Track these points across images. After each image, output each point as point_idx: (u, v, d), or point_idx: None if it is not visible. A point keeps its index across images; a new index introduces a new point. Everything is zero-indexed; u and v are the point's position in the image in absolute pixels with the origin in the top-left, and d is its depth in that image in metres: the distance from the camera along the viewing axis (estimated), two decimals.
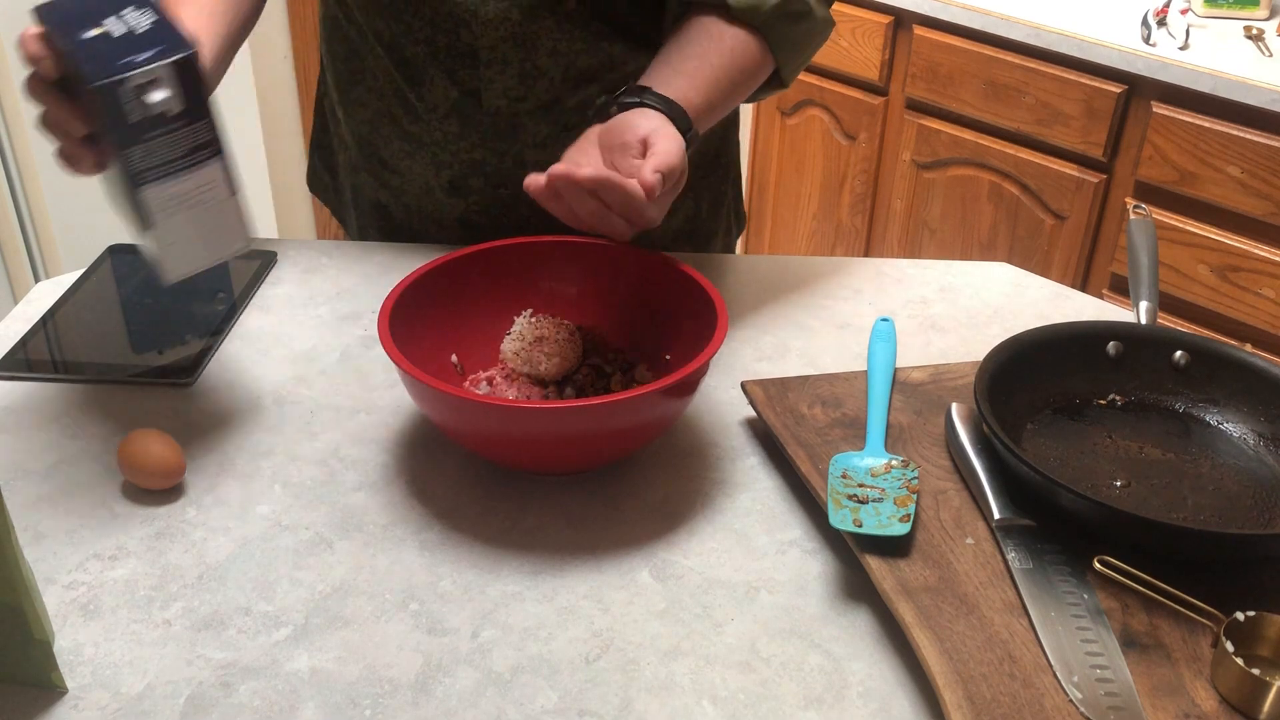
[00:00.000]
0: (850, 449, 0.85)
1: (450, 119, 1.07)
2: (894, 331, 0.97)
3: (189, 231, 0.78)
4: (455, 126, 1.07)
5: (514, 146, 1.08)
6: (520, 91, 1.05)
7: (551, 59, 1.03)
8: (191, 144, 0.75)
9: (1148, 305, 0.96)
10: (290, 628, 0.73)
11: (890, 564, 0.74)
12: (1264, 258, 1.96)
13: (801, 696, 0.69)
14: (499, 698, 0.68)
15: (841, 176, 2.61)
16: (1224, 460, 0.85)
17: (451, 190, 1.12)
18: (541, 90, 1.05)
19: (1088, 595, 0.73)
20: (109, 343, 1.00)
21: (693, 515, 0.83)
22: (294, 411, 0.92)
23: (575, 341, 0.91)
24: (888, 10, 2.38)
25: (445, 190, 1.12)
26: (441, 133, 1.08)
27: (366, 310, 1.06)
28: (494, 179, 1.10)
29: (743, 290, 1.11)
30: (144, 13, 0.76)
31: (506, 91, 1.05)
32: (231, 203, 0.79)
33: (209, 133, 0.76)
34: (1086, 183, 2.16)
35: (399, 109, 1.09)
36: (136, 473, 0.82)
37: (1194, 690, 0.67)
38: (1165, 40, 2.04)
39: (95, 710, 0.67)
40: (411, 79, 1.07)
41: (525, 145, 1.08)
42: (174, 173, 0.75)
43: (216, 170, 0.78)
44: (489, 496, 0.84)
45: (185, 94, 0.74)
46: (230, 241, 0.81)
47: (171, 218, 0.77)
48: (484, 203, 1.12)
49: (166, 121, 0.74)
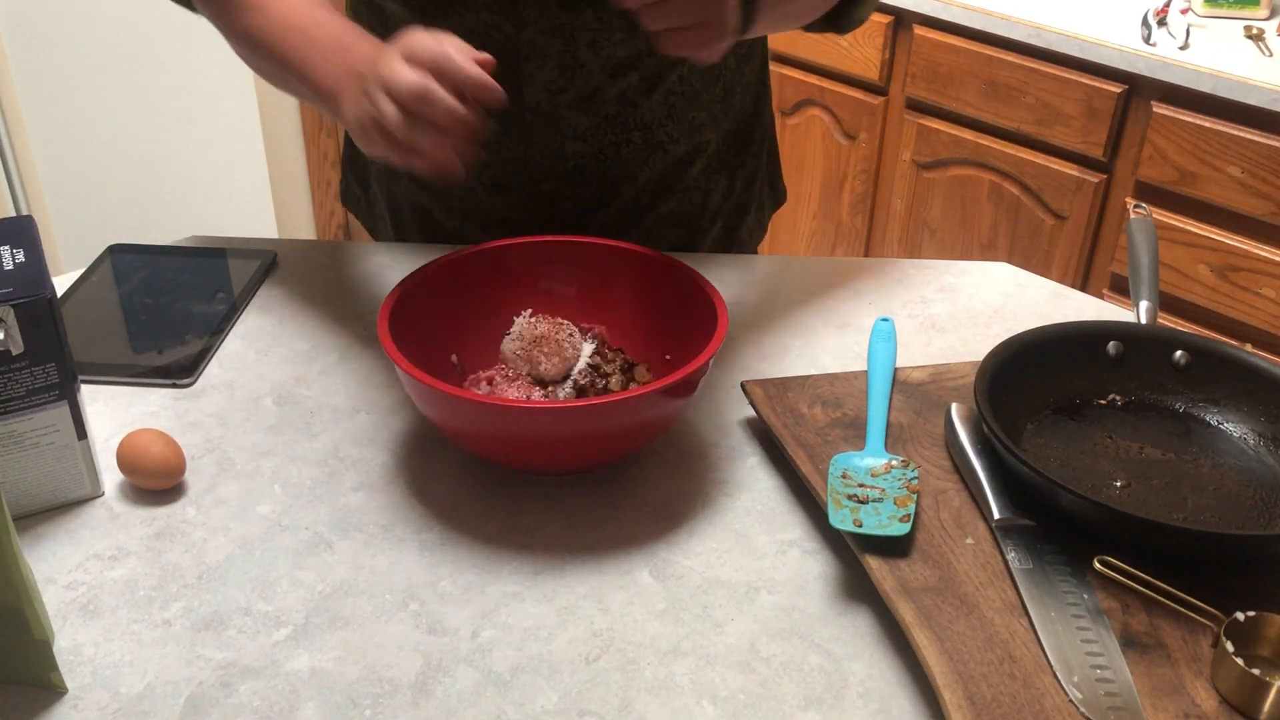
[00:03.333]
0: (850, 449, 0.85)
1: (490, 118, 1.07)
2: (894, 331, 0.97)
3: (22, 472, 0.79)
4: (496, 124, 1.07)
5: (554, 140, 1.08)
6: (561, 84, 1.05)
7: (591, 50, 1.03)
8: (31, 386, 0.76)
9: (1148, 305, 0.96)
10: (290, 628, 0.73)
11: (890, 564, 0.74)
12: (1264, 258, 1.96)
13: (801, 696, 0.69)
14: (499, 698, 0.68)
15: (841, 176, 2.61)
16: (1224, 460, 0.84)
17: (495, 189, 1.12)
18: (581, 82, 1.05)
19: (1088, 595, 0.73)
20: (109, 343, 1.00)
21: (693, 515, 0.83)
22: (294, 411, 0.92)
23: (575, 341, 0.91)
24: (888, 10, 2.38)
25: (488, 190, 1.12)
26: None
27: (366, 310, 1.06)
28: (536, 175, 1.10)
29: (743, 290, 1.11)
30: (18, 252, 0.77)
31: (547, 85, 1.05)
32: (75, 449, 0.80)
33: (55, 377, 0.76)
34: (1086, 183, 2.16)
35: None
36: (136, 473, 0.82)
37: (1194, 690, 0.67)
38: (1165, 40, 2.04)
39: (95, 710, 0.67)
40: None
41: (565, 138, 1.08)
42: (9, 412, 0.76)
43: (60, 415, 0.78)
44: (489, 496, 0.84)
45: (28, 337, 0.74)
46: (71, 488, 0.81)
47: (2, 456, 0.77)
48: (526, 199, 1.12)
49: (7, 360, 0.74)
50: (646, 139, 1.10)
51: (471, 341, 0.94)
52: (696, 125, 1.12)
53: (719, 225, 1.21)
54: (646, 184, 1.13)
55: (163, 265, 1.12)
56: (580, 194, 1.12)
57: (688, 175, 1.15)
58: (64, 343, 0.76)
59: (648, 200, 1.14)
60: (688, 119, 1.11)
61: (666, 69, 1.07)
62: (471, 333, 0.94)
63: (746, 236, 1.26)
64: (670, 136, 1.11)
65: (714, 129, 1.14)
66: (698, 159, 1.15)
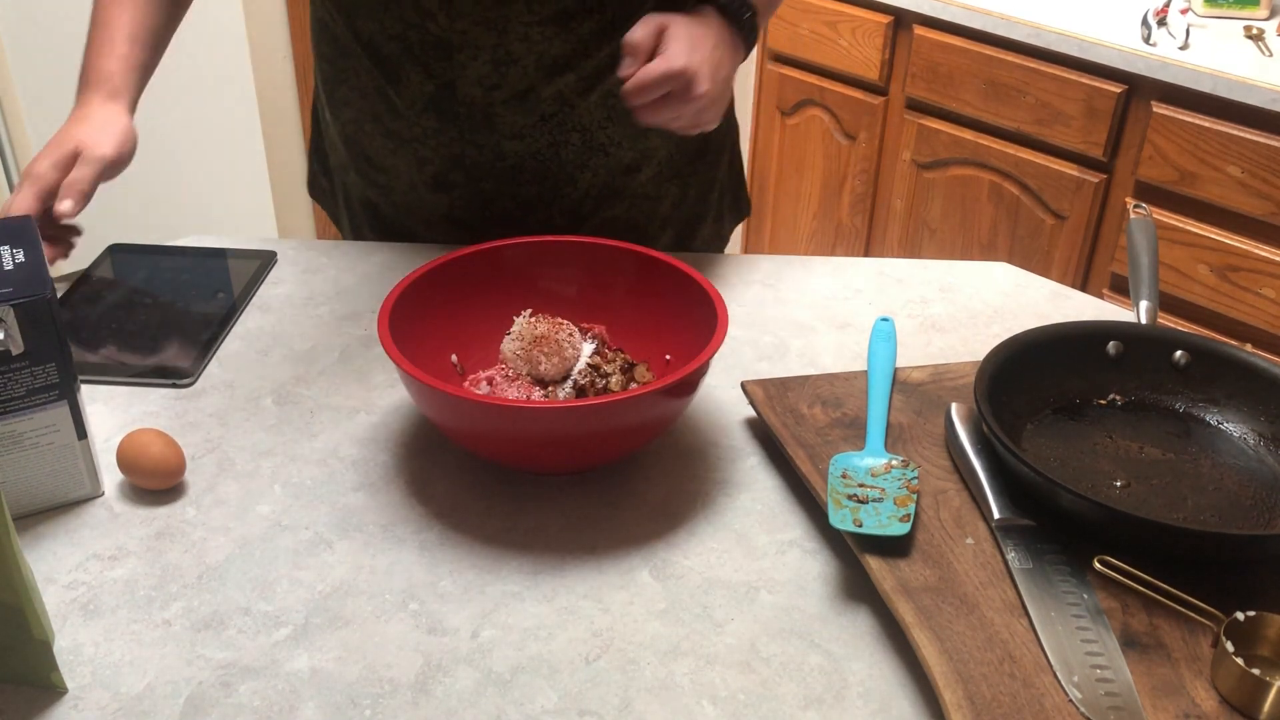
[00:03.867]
0: (850, 449, 0.85)
1: (428, 113, 1.07)
2: (894, 331, 0.97)
3: (22, 472, 0.79)
4: (433, 121, 1.08)
5: (491, 138, 1.08)
6: (494, 80, 1.05)
7: (524, 45, 1.03)
8: (31, 385, 0.76)
9: (1148, 305, 0.96)
10: (290, 628, 0.73)
11: (890, 564, 0.74)
12: (1264, 258, 1.96)
13: (801, 696, 0.69)
14: (499, 698, 0.68)
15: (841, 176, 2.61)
16: (1224, 460, 0.85)
17: (435, 186, 1.12)
18: (515, 78, 1.05)
19: (1088, 595, 0.73)
20: (109, 343, 1.00)
21: (693, 515, 0.83)
22: (294, 411, 0.92)
23: (575, 341, 0.91)
24: (888, 10, 2.38)
25: (429, 186, 1.12)
26: (420, 128, 1.09)
27: (366, 310, 1.06)
28: (474, 173, 1.10)
29: (743, 290, 1.11)
30: (18, 252, 0.78)
31: (481, 80, 1.05)
32: (75, 448, 0.80)
33: (55, 377, 0.76)
34: (1086, 183, 2.16)
35: (380, 106, 1.10)
36: (136, 473, 0.82)
37: (1194, 690, 0.67)
38: (1165, 40, 2.04)
39: (95, 710, 0.67)
40: (389, 75, 1.07)
41: (502, 136, 1.08)
42: (10, 412, 0.76)
43: (60, 415, 0.78)
44: (489, 496, 0.84)
45: (28, 337, 0.74)
46: (71, 488, 0.81)
47: (2, 456, 0.77)
48: (467, 198, 1.12)
49: (7, 360, 0.74)
50: (586, 141, 1.09)
51: (471, 341, 0.94)
52: (641, 131, 1.11)
53: (669, 233, 1.20)
54: (590, 188, 1.12)
55: (163, 265, 1.12)
56: (520, 194, 1.11)
57: (635, 182, 1.14)
58: (64, 343, 0.76)
59: (591, 205, 1.13)
60: (629, 123, 1.08)
61: (604, 70, 1.06)
62: (471, 333, 0.94)
63: (701, 246, 1.25)
64: (611, 139, 1.10)
65: (662, 136, 1.12)
66: (645, 165, 1.13)
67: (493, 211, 1.13)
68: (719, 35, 0.98)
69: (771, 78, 2.67)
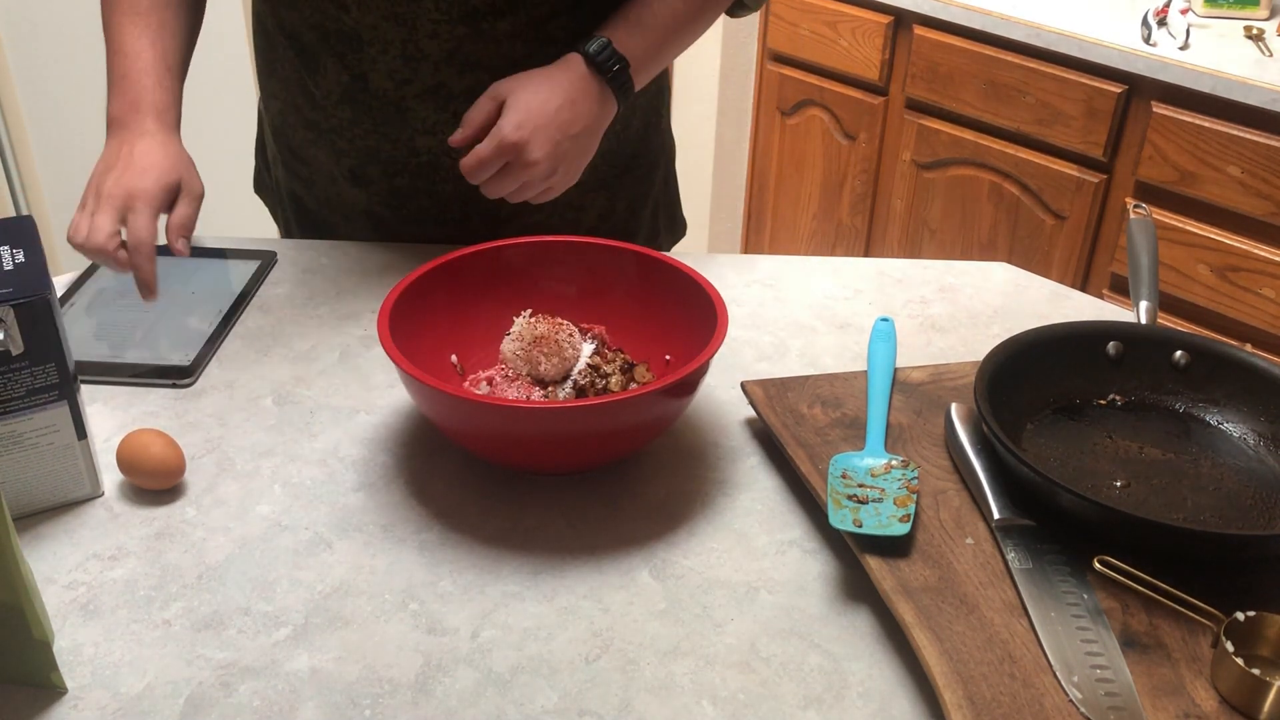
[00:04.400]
0: (850, 449, 0.85)
1: (343, 105, 1.08)
2: (894, 331, 0.97)
3: (23, 472, 0.79)
4: (348, 112, 1.08)
5: (404, 133, 1.08)
6: (405, 74, 1.04)
7: (433, 40, 1.03)
8: (31, 385, 0.76)
9: (1148, 305, 0.96)
10: (290, 628, 0.73)
11: (890, 564, 0.74)
12: (1264, 258, 1.96)
13: (801, 696, 0.69)
14: (499, 698, 0.68)
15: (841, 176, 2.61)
16: (1224, 460, 0.85)
17: (353, 180, 1.12)
18: (426, 73, 1.04)
19: (1088, 595, 0.73)
20: (109, 343, 1.00)
21: (693, 515, 0.83)
22: (294, 411, 0.92)
23: (575, 341, 0.91)
24: (888, 10, 2.38)
25: (348, 179, 1.13)
26: (337, 119, 1.09)
27: (366, 310, 1.06)
28: (390, 168, 1.10)
29: (743, 290, 1.11)
30: (18, 252, 0.78)
31: (391, 74, 1.04)
32: (75, 448, 0.80)
33: (55, 377, 0.76)
34: (1086, 183, 2.16)
35: (301, 98, 1.10)
36: (136, 473, 0.82)
37: (1194, 690, 0.67)
38: (1165, 40, 2.04)
39: (95, 710, 0.67)
40: (309, 66, 1.08)
41: (415, 131, 1.07)
42: (10, 412, 0.76)
43: (60, 415, 0.78)
44: (489, 496, 0.84)
45: (28, 337, 0.74)
46: (71, 488, 0.81)
47: (2, 456, 0.77)
48: (384, 193, 1.12)
49: (7, 360, 0.74)
50: None
51: (471, 341, 0.94)
52: None
53: None
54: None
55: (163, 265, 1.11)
56: (436, 191, 1.11)
57: None
58: (64, 343, 0.76)
59: (509, 210, 1.08)
60: None
61: (520, 68, 1.01)
62: (471, 333, 0.94)
63: None
64: None
65: None
66: None
67: (409, 209, 1.13)
68: (572, 91, 0.97)
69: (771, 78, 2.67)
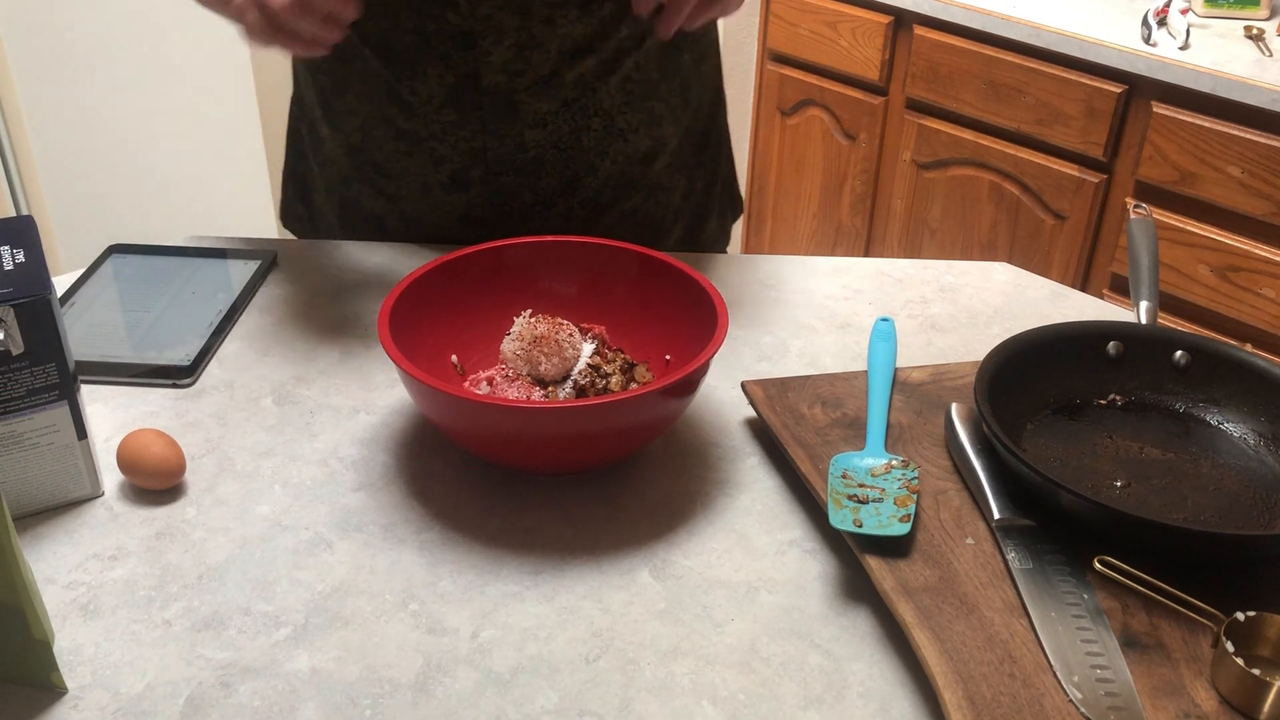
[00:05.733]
0: (850, 449, 0.85)
1: (447, 108, 1.07)
2: (894, 331, 0.97)
3: (23, 472, 0.79)
4: (453, 115, 1.08)
5: (514, 127, 1.08)
6: (519, 65, 1.05)
7: (548, 28, 1.03)
8: (31, 385, 0.76)
9: (1148, 305, 0.96)
10: (290, 628, 0.73)
11: (890, 564, 0.74)
12: (1264, 258, 1.97)
13: (801, 696, 0.69)
14: (499, 698, 0.68)
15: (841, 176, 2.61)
16: (1224, 460, 0.85)
17: (452, 185, 1.12)
18: (539, 63, 1.05)
19: (1088, 595, 0.73)
20: (109, 342, 1.00)
21: (693, 515, 0.83)
22: (294, 411, 0.92)
23: (575, 341, 0.91)
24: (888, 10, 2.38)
25: (445, 186, 1.12)
26: (439, 124, 1.08)
27: (366, 310, 1.06)
28: (495, 166, 1.10)
29: (743, 290, 1.11)
30: (19, 252, 0.77)
31: (505, 66, 1.05)
32: (75, 448, 0.80)
33: (55, 377, 0.76)
34: (1086, 183, 2.16)
35: (392, 108, 1.09)
36: (136, 473, 0.82)
37: (1194, 690, 0.67)
38: (1165, 40, 2.04)
39: (95, 710, 0.67)
40: (403, 74, 1.07)
41: (525, 125, 1.08)
42: (10, 412, 0.76)
43: (60, 415, 0.78)
44: (489, 496, 0.84)
45: (29, 337, 0.74)
46: (71, 488, 0.81)
47: (2, 456, 0.77)
48: (486, 193, 1.12)
49: (7, 360, 0.74)
50: (606, 126, 1.10)
51: (471, 341, 0.94)
52: (655, 116, 1.12)
53: (680, 226, 1.21)
54: (609, 178, 1.13)
55: (163, 265, 1.12)
56: (540, 187, 1.11)
57: (650, 171, 1.15)
58: (64, 343, 0.76)
59: (610, 196, 1.13)
60: (645, 109, 1.11)
61: (623, 54, 1.07)
62: (471, 333, 0.94)
63: (710, 241, 1.26)
64: (630, 125, 1.11)
65: (673, 123, 1.14)
66: (659, 155, 1.15)
67: (512, 207, 1.12)
68: None
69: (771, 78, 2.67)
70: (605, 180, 1.13)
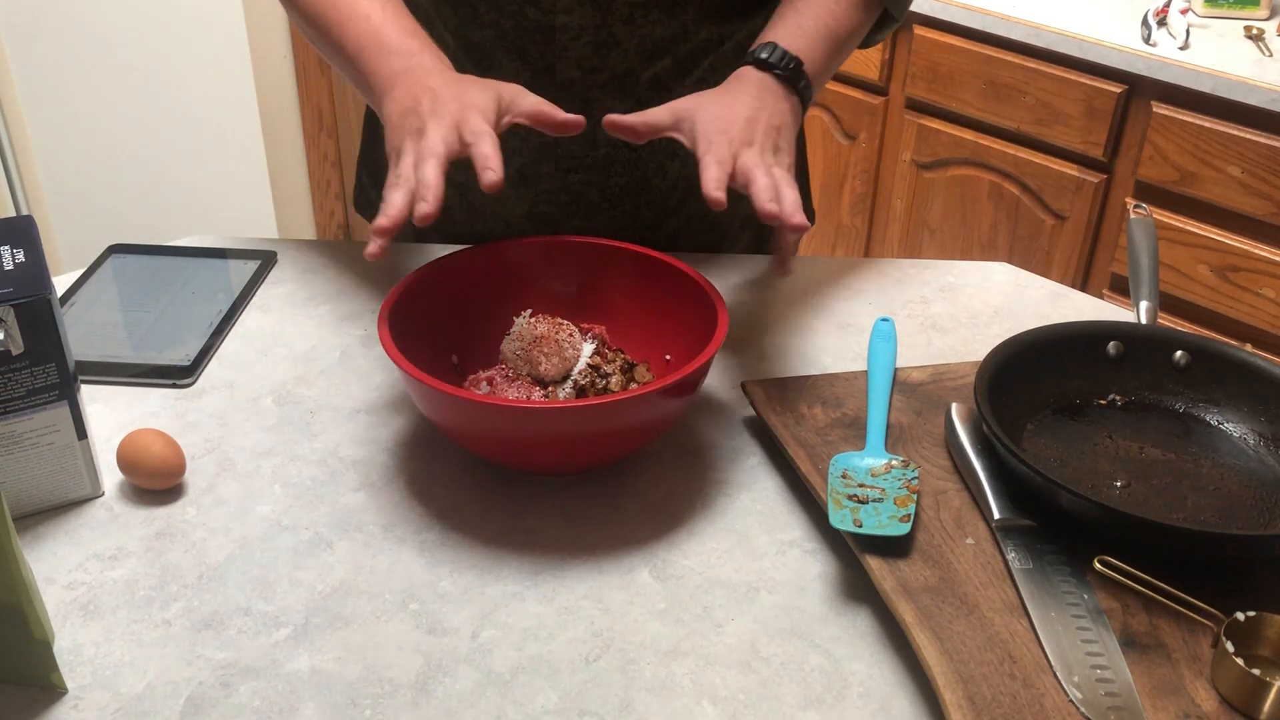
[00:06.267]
0: (850, 449, 0.85)
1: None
2: (894, 331, 0.97)
3: (22, 472, 0.79)
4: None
5: (587, 124, 1.07)
6: (595, 62, 1.05)
7: (627, 26, 1.03)
8: (31, 385, 0.76)
9: (1148, 305, 0.96)
10: (290, 628, 0.73)
11: (890, 564, 0.74)
12: (1264, 258, 1.96)
13: (801, 696, 0.69)
14: (499, 698, 0.68)
15: (841, 176, 2.61)
16: (1224, 460, 0.85)
17: (521, 180, 1.11)
18: (616, 61, 1.05)
19: (1088, 595, 0.73)
20: (109, 342, 1.00)
21: (693, 515, 0.83)
22: (294, 411, 0.92)
23: (575, 341, 0.91)
24: None
25: (514, 181, 1.11)
26: None
27: (366, 310, 1.06)
28: (564, 163, 1.10)
29: (743, 290, 1.11)
30: (19, 252, 0.77)
31: (581, 62, 1.04)
32: (75, 448, 0.80)
33: (55, 377, 0.76)
34: (1086, 183, 2.16)
35: None
36: (136, 473, 0.82)
37: (1194, 690, 0.67)
38: (1165, 40, 2.04)
39: (95, 710, 0.67)
40: (480, 65, 1.07)
41: (597, 123, 1.07)
42: (10, 412, 0.76)
43: (60, 415, 0.78)
44: (489, 496, 0.84)
45: (29, 336, 0.74)
46: (71, 488, 0.81)
47: (2, 456, 0.77)
48: (554, 190, 1.11)
49: (7, 360, 0.74)
50: None
51: (471, 341, 0.94)
52: None
53: (748, 234, 1.20)
54: (677, 180, 1.12)
55: (163, 265, 1.12)
56: (608, 185, 1.11)
57: None
58: (64, 343, 0.76)
59: (678, 199, 1.13)
60: None
61: (700, 54, 1.07)
62: (471, 333, 0.94)
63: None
64: None
65: None
66: None
67: (578, 205, 1.12)
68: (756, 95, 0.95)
69: None
70: (674, 182, 1.12)
